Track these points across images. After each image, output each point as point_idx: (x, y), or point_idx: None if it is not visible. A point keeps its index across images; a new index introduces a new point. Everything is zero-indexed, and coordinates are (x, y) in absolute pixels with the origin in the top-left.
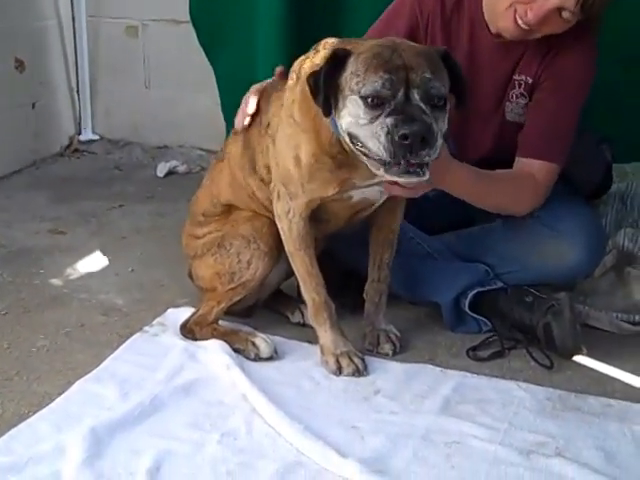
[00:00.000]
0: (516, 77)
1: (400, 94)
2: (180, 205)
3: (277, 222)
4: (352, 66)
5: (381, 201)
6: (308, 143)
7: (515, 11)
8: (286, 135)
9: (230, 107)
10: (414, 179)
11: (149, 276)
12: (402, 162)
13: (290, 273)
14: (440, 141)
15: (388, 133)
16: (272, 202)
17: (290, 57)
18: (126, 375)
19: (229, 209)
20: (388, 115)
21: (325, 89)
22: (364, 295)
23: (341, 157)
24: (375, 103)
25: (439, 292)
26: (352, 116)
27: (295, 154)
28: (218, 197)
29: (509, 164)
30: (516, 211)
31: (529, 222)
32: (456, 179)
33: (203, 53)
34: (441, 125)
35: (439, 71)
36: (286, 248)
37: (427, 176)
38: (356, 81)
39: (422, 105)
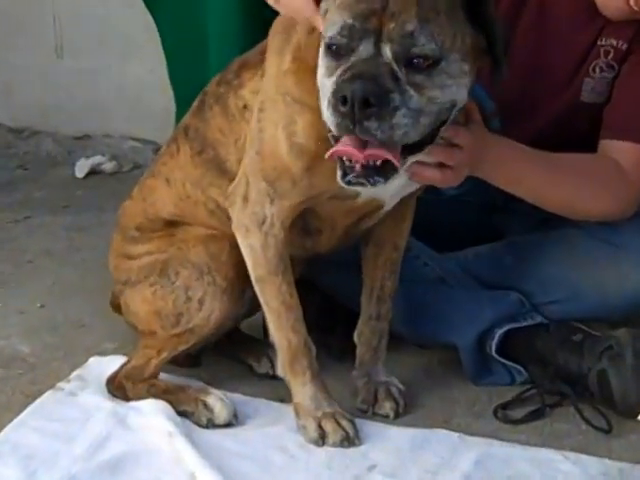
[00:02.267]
0: (602, 43)
1: (364, 47)
2: (107, 216)
3: (240, 238)
4: (327, 3)
5: (393, 204)
6: (308, 121)
7: None
8: (276, 114)
9: (183, 77)
10: (360, 185)
11: (64, 313)
12: (348, 144)
13: (254, 307)
14: (413, 117)
15: (332, 95)
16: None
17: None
18: (33, 448)
19: (174, 223)
20: (343, 71)
21: None
22: (355, 337)
23: None
24: (335, 52)
25: (456, 331)
26: (320, 63)
27: (290, 138)
28: (156, 214)
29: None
30: (595, 212)
31: (578, 235)
32: (502, 161)
33: (135, 5)
34: (428, 94)
35: (435, 18)
36: (253, 274)
37: (387, 179)
38: (327, 17)
39: (394, 65)
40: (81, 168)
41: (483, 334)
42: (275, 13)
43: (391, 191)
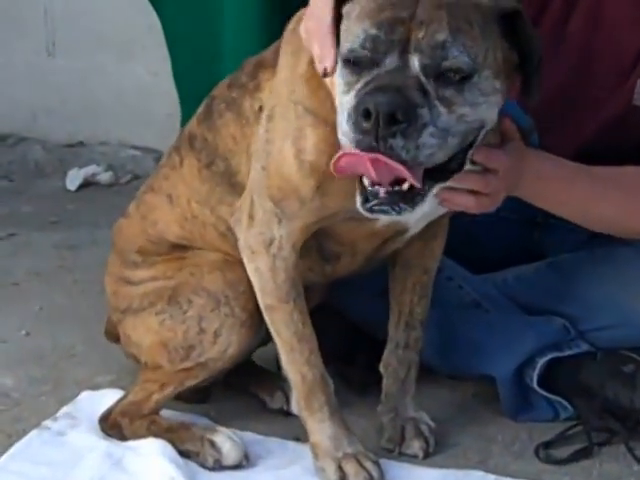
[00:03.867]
0: None
1: (391, 59)
2: (101, 233)
3: (246, 261)
4: (352, 3)
5: (420, 227)
6: (320, 137)
7: None
8: (285, 125)
9: (188, 81)
10: (383, 213)
11: (53, 342)
12: (363, 159)
13: (267, 337)
14: (441, 136)
15: (353, 110)
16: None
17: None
18: None
19: (182, 247)
20: (365, 85)
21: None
22: (382, 368)
23: None
24: (355, 66)
25: (493, 361)
26: (337, 77)
27: (299, 155)
28: (160, 237)
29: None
30: None
31: (628, 254)
32: (543, 179)
33: None
34: (458, 111)
35: (469, 31)
36: (261, 301)
37: (415, 207)
38: (344, 28)
39: (422, 77)
40: (73, 179)
41: (523, 364)
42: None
43: (418, 214)
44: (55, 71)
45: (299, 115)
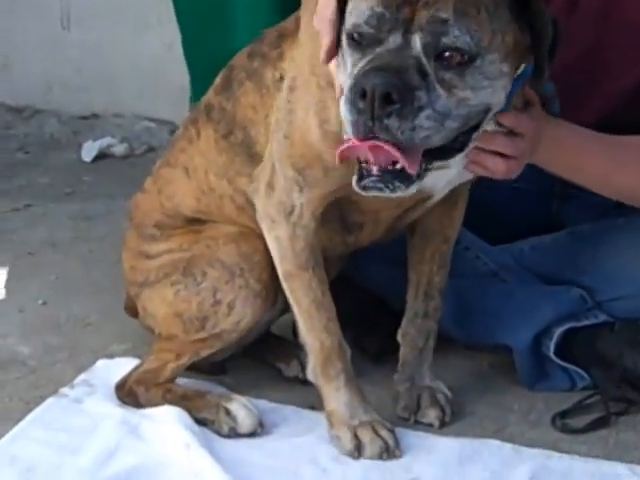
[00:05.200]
0: None
1: (393, 38)
2: (117, 204)
3: (265, 230)
4: None
5: (443, 194)
6: (337, 106)
7: None
8: (308, 97)
9: (198, 53)
10: (378, 191)
11: (68, 311)
12: (363, 146)
13: (285, 307)
14: (438, 120)
15: (350, 90)
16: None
17: None
18: (34, 461)
19: (199, 220)
20: (366, 64)
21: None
22: (399, 337)
23: None
24: (359, 43)
25: (510, 330)
26: (342, 62)
27: (323, 125)
28: (176, 210)
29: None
30: None
31: None
32: (559, 146)
33: None
34: (459, 94)
35: (475, 14)
36: (280, 269)
37: (409, 185)
38: (351, 7)
39: (422, 58)
40: (88, 151)
41: (540, 334)
42: None
43: (443, 181)
44: (70, 44)
45: (322, 88)
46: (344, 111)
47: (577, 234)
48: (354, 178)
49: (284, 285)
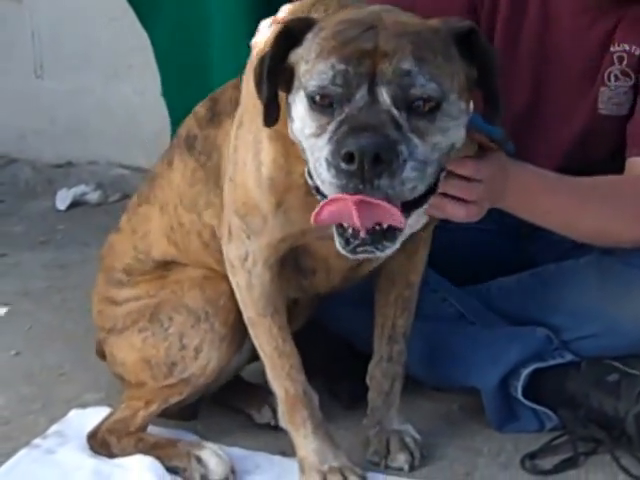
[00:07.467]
0: (614, 49)
1: (360, 94)
2: (91, 252)
3: (229, 275)
4: (306, 46)
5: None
6: (279, 151)
7: None
8: (249, 137)
9: (179, 96)
10: (368, 254)
11: (42, 361)
12: (347, 204)
13: (255, 353)
14: (419, 169)
15: (332, 155)
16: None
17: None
18: None
19: (166, 265)
20: (339, 125)
21: (270, 82)
22: (367, 380)
23: None
24: (325, 104)
25: (478, 372)
26: (300, 120)
27: (259, 169)
28: (147, 252)
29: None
30: (627, 237)
31: (612, 263)
32: (523, 190)
33: (121, 19)
34: (431, 140)
35: (433, 60)
36: (245, 315)
37: (397, 242)
38: (304, 70)
39: (393, 110)
40: (63, 199)
41: (507, 375)
42: None
43: None
44: (43, 92)
45: (253, 124)
46: (325, 176)
47: (541, 274)
48: (338, 243)
49: (249, 330)
